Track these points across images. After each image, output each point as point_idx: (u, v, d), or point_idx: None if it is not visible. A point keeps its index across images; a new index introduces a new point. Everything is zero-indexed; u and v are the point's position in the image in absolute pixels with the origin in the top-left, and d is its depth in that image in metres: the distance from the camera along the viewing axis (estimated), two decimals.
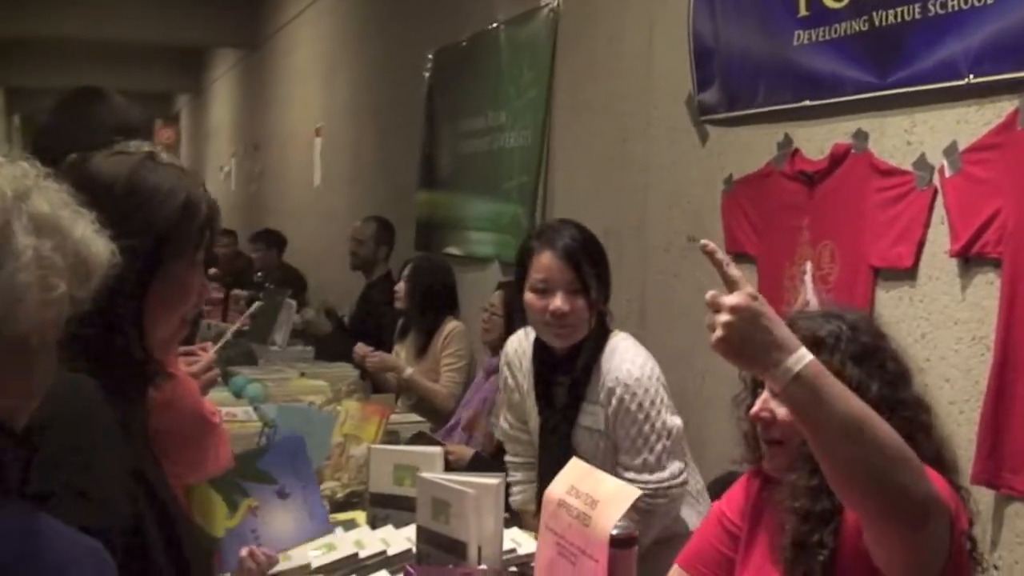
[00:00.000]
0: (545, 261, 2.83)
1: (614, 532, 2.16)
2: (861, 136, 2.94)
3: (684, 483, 2.85)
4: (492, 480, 2.48)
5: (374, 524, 2.79)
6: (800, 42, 3.13)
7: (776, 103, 3.27)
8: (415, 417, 4.38)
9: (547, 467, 2.90)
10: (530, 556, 2.46)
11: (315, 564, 2.47)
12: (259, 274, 8.41)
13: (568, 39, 4.69)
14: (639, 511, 2.63)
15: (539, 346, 2.96)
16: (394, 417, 4.17)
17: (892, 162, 2.84)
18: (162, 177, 1.70)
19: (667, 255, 3.88)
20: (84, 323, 1.26)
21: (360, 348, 5.07)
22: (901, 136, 2.81)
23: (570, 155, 4.68)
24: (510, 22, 5.27)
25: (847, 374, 2.00)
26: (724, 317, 1.64)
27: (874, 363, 2.02)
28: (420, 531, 2.51)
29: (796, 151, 3.20)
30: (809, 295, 3.12)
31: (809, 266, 3.13)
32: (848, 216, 2.97)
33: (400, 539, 2.60)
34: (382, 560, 2.51)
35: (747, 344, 1.65)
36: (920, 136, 2.76)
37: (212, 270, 8.55)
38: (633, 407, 2.80)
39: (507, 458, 3.20)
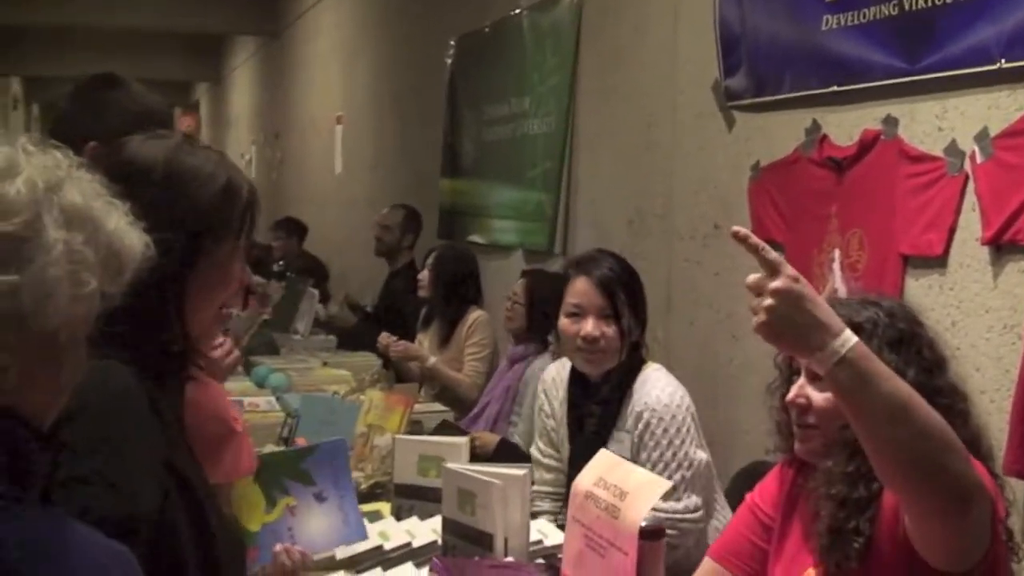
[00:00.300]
0: (580, 287, 2.91)
1: (643, 524, 2.14)
2: (891, 122, 2.90)
3: (699, 520, 2.83)
4: (518, 471, 2.46)
5: (399, 515, 2.77)
6: (828, 27, 3.09)
7: (804, 89, 3.23)
8: (439, 406, 4.37)
9: None
10: (557, 548, 2.44)
11: (339, 556, 2.46)
12: (280, 263, 8.40)
13: (592, 25, 4.65)
14: None
15: (574, 375, 3.01)
16: (417, 407, 4.15)
17: (923, 148, 2.80)
18: (201, 160, 1.66)
19: (692, 242, 3.85)
20: (125, 311, 1.24)
21: (384, 337, 5.05)
22: (932, 122, 2.77)
23: (595, 141, 4.65)
24: (533, 8, 5.23)
25: (884, 360, 1.98)
26: (767, 301, 1.61)
27: (911, 350, 2.00)
28: (446, 522, 2.49)
29: (824, 137, 3.16)
30: (838, 283, 3.09)
31: (837, 254, 3.09)
32: (877, 203, 2.94)
33: (426, 530, 2.58)
34: (407, 552, 2.49)
35: (790, 327, 1.63)
36: (951, 122, 2.72)
37: None
38: (658, 432, 2.82)
39: (534, 488, 3.19)
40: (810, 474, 2.06)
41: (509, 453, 3.91)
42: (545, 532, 2.58)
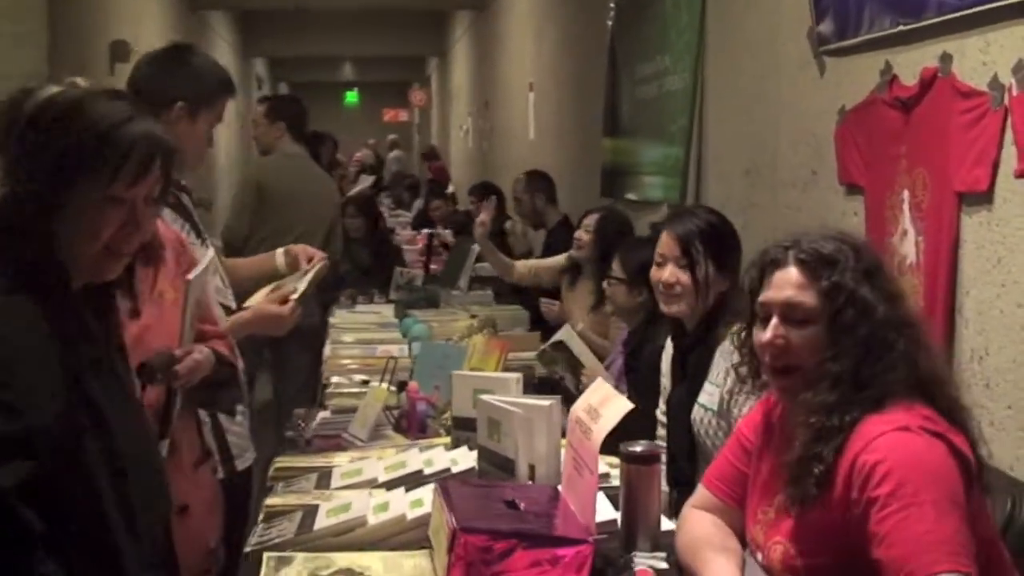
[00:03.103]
0: (664, 239, 3.12)
1: (637, 449, 2.24)
2: (946, 59, 2.86)
3: None
4: (544, 402, 2.59)
5: (456, 446, 2.92)
6: None
7: (878, 29, 3.20)
8: None
9: (672, 441, 3.07)
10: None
11: (381, 479, 2.66)
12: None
13: None
14: None
15: (676, 328, 3.16)
16: (531, 353, 4.33)
17: (971, 84, 2.75)
18: (101, 109, 1.70)
19: (793, 190, 3.86)
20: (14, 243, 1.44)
21: (544, 303, 5.24)
22: (977, 56, 2.73)
23: (719, 96, 4.68)
24: None
25: (860, 293, 2.03)
26: None
27: (878, 282, 2.05)
28: (480, 450, 2.65)
29: (894, 77, 3.13)
30: (907, 223, 3.07)
31: (907, 194, 3.07)
32: (937, 142, 2.90)
33: (470, 459, 2.73)
34: (443, 477, 2.65)
35: None
36: (993, 56, 2.67)
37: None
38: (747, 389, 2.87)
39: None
40: (792, 405, 2.13)
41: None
42: None
